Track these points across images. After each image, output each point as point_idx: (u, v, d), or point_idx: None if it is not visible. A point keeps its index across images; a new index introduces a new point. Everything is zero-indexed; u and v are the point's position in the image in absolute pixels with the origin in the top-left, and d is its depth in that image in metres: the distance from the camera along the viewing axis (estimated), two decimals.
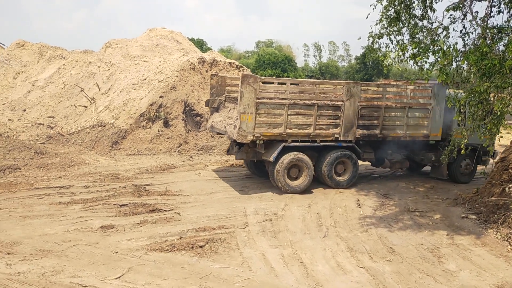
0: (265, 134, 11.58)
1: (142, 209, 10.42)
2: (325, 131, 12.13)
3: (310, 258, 8.21)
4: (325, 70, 68.28)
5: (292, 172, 12.11)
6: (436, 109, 13.17)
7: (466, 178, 14.23)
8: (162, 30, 27.33)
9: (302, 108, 11.78)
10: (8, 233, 8.91)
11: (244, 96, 11.17)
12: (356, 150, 12.66)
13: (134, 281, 7.12)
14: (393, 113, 12.85)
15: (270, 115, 11.56)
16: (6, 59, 26.06)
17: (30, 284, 6.95)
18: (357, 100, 12.24)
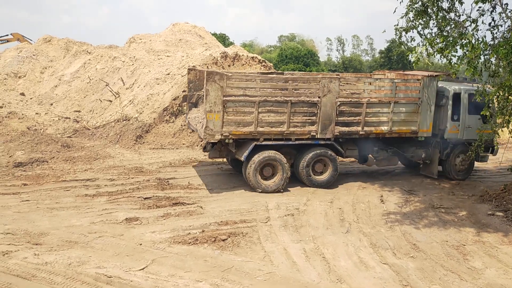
0: (234, 133, 11.10)
1: (165, 202, 10.55)
2: (300, 129, 11.51)
3: (332, 254, 8.17)
4: (348, 64, 67.52)
5: (266, 171, 11.60)
6: (426, 104, 12.37)
7: (462, 175, 13.45)
8: (185, 25, 27.48)
9: (274, 106, 11.21)
10: (36, 224, 9.15)
11: (209, 94, 10.73)
12: (336, 148, 12.03)
13: (158, 273, 7.22)
14: (376, 109, 12.00)
15: (239, 113, 11.05)
16: (34, 54, 26.62)
17: (57, 274, 7.13)
18: (335, 96, 11.53)
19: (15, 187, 11.51)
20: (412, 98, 12.34)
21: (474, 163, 13.53)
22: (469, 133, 12.82)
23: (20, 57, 26.00)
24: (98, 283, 6.85)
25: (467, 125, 12.79)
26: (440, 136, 12.92)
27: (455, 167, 13.31)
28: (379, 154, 12.83)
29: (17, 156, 13.59)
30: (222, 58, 20.68)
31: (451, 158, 13.19)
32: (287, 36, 76.51)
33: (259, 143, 11.34)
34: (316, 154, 11.82)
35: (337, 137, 11.88)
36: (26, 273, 7.12)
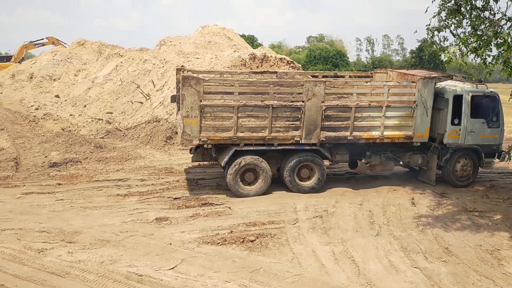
0: (212, 138, 10.85)
1: (194, 202, 10.67)
2: (283, 134, 11.11)
3: (362, 257, 8.08)
4: (378, 64, 66.56)
5: (247, 177, 11.32)
6: (422, 107, 11.59)
7: (464, 181, 12.50)
8: (214, 27, 27.72)
9: (255, 110, 10.86)
10: (70, 222, 9.42)
11: (186, 99, 10.50)
12: (322, 154, 11.59)
13: (187, 272, 7.32)
14: (366, 113, 11.40)
15: (218, 118, 10.79)
16: (68, 57, 27.43)
17: (90, 272, 7.32)
18: (320, 100, 11.04)
19: (50, 186, 11.88)
20: (406, 101, 11.62)
21: (478, 169, 12.61)
22: (472, 138, 12.11)
23: (55, 60, 26.84)
24: (129, 282, 7.00)
25: (470, 129, 12.01)
26: (439, 141, 12.08)
27: (456, 174, 12.38)
28: (372, 159, 12.20)
29: (52, 157, 14.01)
30: (250, 60, 20.76)
31: (451, 164, 12.29)
32: (316, 37, 76.14)
33: (239, 149, 11.06)
34: (300, 160, 11.42)
35: (323, 142, 11.41)
36: (60, 271, 7.34)
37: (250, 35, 54.32)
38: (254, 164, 11.20)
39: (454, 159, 12.28)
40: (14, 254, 7.92)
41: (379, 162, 12.29)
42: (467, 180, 12.55)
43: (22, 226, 9.17)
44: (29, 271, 7.35)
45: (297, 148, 11.40)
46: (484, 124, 12.09)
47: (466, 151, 12.35)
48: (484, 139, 12.21)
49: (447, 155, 12.16)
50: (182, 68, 13.74)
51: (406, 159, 12.49)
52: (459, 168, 12.37)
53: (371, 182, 12.62)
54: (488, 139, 12.28)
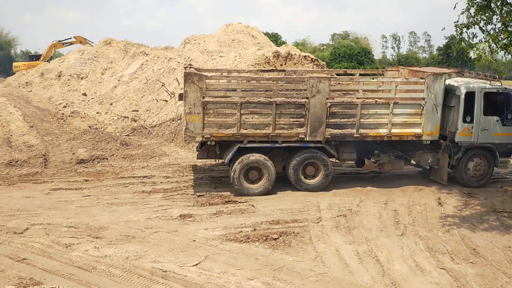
0: (216, 135, 10.81)
1: (218, 200, 10.73)
2: (287, 131, 10.97)
3: (387, 256, 7.98)
4: (404, 62, 65.45)
5: (251, 175, 11.18)
6: (431, 104, 11.26)
7: (477, 181, 12.01)
8: (238, 25, 27.80)
9: (258, 107, 10.74)
10: (97, 218, 9.61)
11: (188, 95, 10.51)
12: (327, 151, 11.35)
13: (211, 269, 7.37)
14: (373, 110, 11.16)
15: (221, 115, 10.72)
16: (95, 56, 27.96)
17: (115, 267, 7.45)
18: (325, 96, 10.85)
19: (77, 182, 12.15)
20: (415, 98, 11.34)
21: (493, 169, 12.12)
22: (485, 136, 11.66)
23: (82, 59, 27.39)
24: (154, 277, 7.10)
25: (483, 127, 11.61)
26: (450, 139, 11.67)
27: (468, 173, 11.93)
28: (380, 158, 11.88)
29: (79, 153, 14.31)
30: (274, 58, 20.73)
31: (463, 164, 11.85)
32: (341, 34, 75.34)
33: (243, 146, 10.98)
34: (306, 158, 11.24)
35: (328, 139, 11.22)
36: (87, 265, 7.50)
37: (274, 33, 54.17)
38: (258, 162, 11.07)
39: (466, 158, 11.86)
40: (42, 248, 8.14)
41: (387, 161, 11.97)
42: (481, 180, 12.06)
43: (51, 221, 9.41)
44: (57, 265, 7.54)
45: (302, 146, 11.26)
46: (498, 122, 11.67)
47: (480, 150, 11.93)
48: (498, 137, 11.78)
49: (459, 154, 11.78)
50: (190, 65, 13.69)
51: (416, 158, 12.20)
52: (472, 167, 11.92)
53: (396, 181, 12.43)
54: (503, 138, 11.83)
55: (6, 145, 14.71)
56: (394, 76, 13.47)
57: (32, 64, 35.83)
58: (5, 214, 9.84)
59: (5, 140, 15.09)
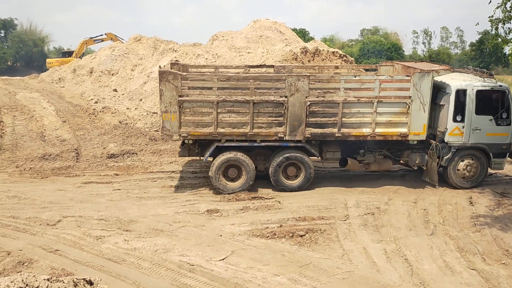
0: (193, 133, 10.73)
1: (244, 195, 10.78)
2: (265, 130, 10.77)
3: (416, 256, 7.84)
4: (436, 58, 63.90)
5: (231, 173, 11.14)
6: (418, 103, 10.77)
7: (469, 183, 11.50)
8: (265, 21, 27.72)
9: (235, 106, 10.60)
10: (126, 211, 9.81)
11: (164, 94, 10.46)
12: (308, 151, 11.12)
13: (237, 264, 7.41)
14: (355, 109, 10.80)
15: (197, 113, 10.64)
16: (125, 52, 28.40)
17: (144, 259, 7.60)
18: (304, 95, 10.59)
19: (108, 176, 12.42)
20: (400, 96, 10.85)
21: (487, 171, 11.61)
22: (477, 136, 11.19)
23: (113, 55, 27.88)
24: (182, 270, 7.20)
25: (475, 127, 11.14)
26: (440, 139, 11.26)
27: (458, 174, 11.44)
28: (366, 158, 11.56)
29: (110, 148, 14.62)
30: (302, 54, 20.61)
31: (453, 164, 11.38)
32: (370, 30, 74.20)
33: (220, 145, 10.91)
34: (286, 157, 11.06)
35: (308, 139, 10.96)
36: (116, 257, 7.67)
37: (302, 28, 53.84)
38: (236, 160, 11.00)
39: (457, 159, 11.38)
40: (74, 240, 8.37)
41: (373, 161, 11.64)
42: (474, 181, 11.54)
43: (82, 213, 9.66)
44: (88, 256, 7.74)
45: (281, 145, 11.06)
46: (491, 122, 11.15)
47: (472, 151, 11.41)
48: (492, 137, 11.23)
49: (448, 154, 11.32)
50: (176, 62, 13.62)
51: (404, 158, 11.76)
52: (462, 168, 11.41)
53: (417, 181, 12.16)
54: (497, 138, 11.27)
55: (40, 139, 15.18)
56: (389, 71, 13.14)
57: (64, 61, 36.75)
58: (38, 206, 10.16)
59: (39, 134, 15.56)
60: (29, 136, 15.32)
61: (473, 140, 11.26)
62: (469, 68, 12.74)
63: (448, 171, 11.49)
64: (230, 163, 11.05)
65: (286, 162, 11.13)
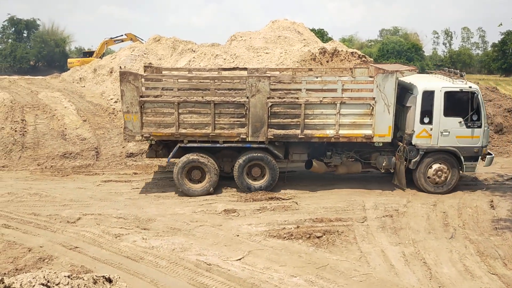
0: (155, 134, 10.71)
1: (261, 196, 10.78)
2: (228, 131, 10.71)
3: (434, 259, 7.74)
4: (456, 58, 62.93)
5: (194, 174, 11.06)
6: (381, 104, 10.55)
7: (439, 187, 11.12)
8: (284, 21, 27.69)
9: (196, 107, 10.57)
10: (145, 210, 9.92)
11: (125, 94, 10.47)
12: (272, 152, 10.96)
13: (254, 264, 7.42)
14: (318, 110, 10.63)
15: (159, 114, 10.61)
16: (145, 53, 28.68)
17: (162, 258, 7.67)
18: (265, 96, 10.51)
19: (127, 175, 12.58)
20: (364, 98, 10.70)
21: (458, 175, 11.16)
22: (446, 139, 10.87)
23: (132, 55, 28.17)
24: (199, 270, 7.24)
25: (443, 129, 10.82)
26: (407, 142, 10.98)
27: (427, 179, 11.11)
28: (332, 160, 11.44)
29: (129, 147, 14.78)
30: (320, 54, 20.53)
31: (422, 168, 11.08)
32: (389, 30, 73.49)
33: (183, 145, 10.85)
34: (249, 158, 10.98)
35: (272, 140, 10.85)
36: (135, 255, 7.76)
37: (320, 29, 53.63)
38: (198, 162, 10.93)
39: (425, 163, 11.07)
40: (93, 237, 8.50)
41: (340, 163, 11.50)
42: (445, 186, 11.16)
43: (101, 211, 9.80)
44: (107, 254, 7.85)
45: (244, 146, 10.98)
46: (461, 124, 10.84)
47: (441, 154, 11.07)
48: (462, 140, 10.90)
49: (417, 157, 11.02)
50: (149, 65, 13.67)
51: (372, 161, 11.55)
52: (432, 173, 11.08)
53: None
54: (468, 141, 10.92)
55: (61, 138, 15.44)
56: (364, 73, 12.88)
57: (85, 61, 37.31)
58: (59, 204, 10.35)
59: (60, 133, 15.82)
60: (51, 135, 15.60)
61: (442, 143, 10.95)
62: (444, 69, 12.46)
63: (416, 174, 11.19)
64: (192, 164, 10.97)
65: (250, 163, 11.06)
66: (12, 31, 60.56)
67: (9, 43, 58.35)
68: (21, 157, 14.43)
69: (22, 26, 60.25)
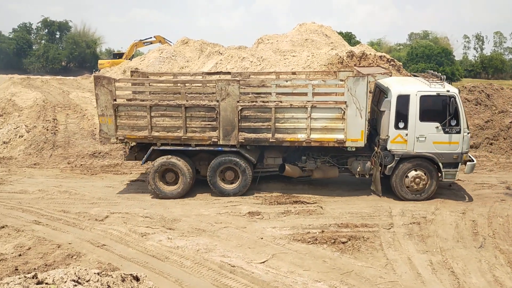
0: (129, 137, 10.87)
1: (286, 199, 10.76)
2: (199, 134, 10.76)
3: (463, 269, 7.55)
4: (488, 64, 61.43)
5: (168, 177, 11.11)
6: (353, 108, 10.31)
7: (418, 195, 10.81)
8: (311, 24, 27.65)
9: (168, 110, 10.67)
10: (170, 210, 10.04)
11: (99, 98, 10.68)
12: (244, 156, 10.91)
13: (278, 268, 7.41)
14: (289, 114, 10.54)
15: (132, 117, 10.77)
16: (173, 55, 29.13)
17: (186, 258, 7.74)
18: (235, 99, 10.50)
19: None
20: (335, 102, 10.56)
21: (437, 182, 10.83)
22: (423, 145, 10.50)
23: (161, 57, 28.64)
24: (223, 271, 7.27)
25: (419, 134, 10.47)
26: (382, 147, 10.72)
27: (404, 186, 10.79)
28: (307, 164, 11.28)
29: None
30: (348, 58, 20.39)
31: (398, 175, 10.75)
32: (419, 34, 72.34)
33: (156, 148, 10.93)
34: (221, 162, 10.98)
35: (243, 144, 10.79)
36: (160, 255, 7.86)
37: (348, 32, 53.23)
38: (171, 164, 10.98)
39: (402, 169, 10.73)
40: (120, 236, 8.65)
41: (314, 168, 11.34)
42: (424, 194, 10.83)
43: (128, 210, 9.98)
44: (133, 252, 7.97)
45: (216, 149, 10.96)
46: (438, 129, 10.45)
47: (418, 160, 10.72)
48: (439, 146, 10.50)
49: (392, 163, 10.71)
50: (136, 70, 13.85)
51: (349, 166, 11.35)
52: (410, 181, 10.76)
53: (476, 190, 11.72)
54: (446, 147, 10.51)
55: (90, 137, 15.81)
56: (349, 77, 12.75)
57: (115, 62, 38.12)
58: (88, 202, 10.59)
59: (90, 132, 16.21)
60: (81, 134, 16.00)
61: (419, 149, 10.60)
62: (428, 73, 12.11)
63: (392, 181, 10.89)
64: (165, 167, 11.05)
65: (222, 166, 11.06)
66: (45, 33, 62.42)
67: (42, 44, 60.17)
68: (52, 155, 14.84)
69: (55, 28, 62.02)
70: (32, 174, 13.07)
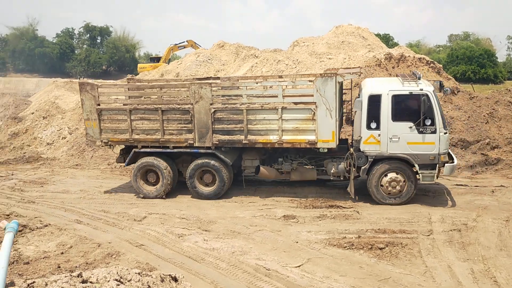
0: (112, 139, 11.38)
1: (321, 203, 10.67)
2: (176, 136, 11.04)
3: (506, 278, 7.25)
4: None
5: (150, 178, 11.49)
6: (323, 109, 10.17)
7: (396, 199, 10.51)
8: (348, 26, 27.30)
9: (146, 113, 11.04)
10: (206, 212, 10.15)
11: (85, 103, 11.28)
12: (219, 158, 10.99)
13: (313, 272, 7.34)
14: (260, 116, 10.59)
15: (114, 120, 11.27)
16: (209, 58, 29.44)
17: (222, 260, 7.79)
18: (208, 102, 10.66)
19: None
20: (305, 103, 10.42)
21: (415, 184, 10.46)
22: (396, 145, 10.16)
23: (197, 61, 29.01)
24: (258, 274, 7.27)
25: (392, 135, 10.13)
26: (356, 148, 10.48)
27: (381, 188, 10.50)
28: (283, 166, 11.32)
29: None
30: (386, 60, 20.00)
31: (373, 177, 10.46)
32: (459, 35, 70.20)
33: (138, 150, 11.35)
34: (198, 164, 11.18)
35: (217, 145, 10.95)
36: (196, 256, 7.95)
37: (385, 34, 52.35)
38: (150, 165, 11.35)
39: (377, 171, 10.40)
40: (158, 236, 8.82)
41: (290, 170, 11.32)
42: (401, 197, 10.53)
43: (166, 211, 10.16)
44: (170, 253, 8.10)
45: (192, 151, 11.18)
46: (412, 129, 10.01)
47: (393, 162, 10.32)
48: (414, 147, 10.07)
49: (366, 164, 10.39)
50: (132, 77, 14.29)
51: (324, 167, 11.29)
52: (386, 184, 10.47)
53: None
54: (421, 147, 10.05)
55: None
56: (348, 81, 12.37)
57: (153, 66, 39.01)
58: (127, 203, 10.87)
59: None
60: None
61: (392, 150, 10.25)
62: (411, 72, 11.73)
63: (367, 183, 10.66)
64: (147, 168, 11.45)
65: (199, 168, 11.24)
66: (87, 37, 64.56)
67: (84, 49, 62.21)
68: (93, 156, 15.32)
69: (96, 33, 64.06)
70: (74, 175, 13.53)
